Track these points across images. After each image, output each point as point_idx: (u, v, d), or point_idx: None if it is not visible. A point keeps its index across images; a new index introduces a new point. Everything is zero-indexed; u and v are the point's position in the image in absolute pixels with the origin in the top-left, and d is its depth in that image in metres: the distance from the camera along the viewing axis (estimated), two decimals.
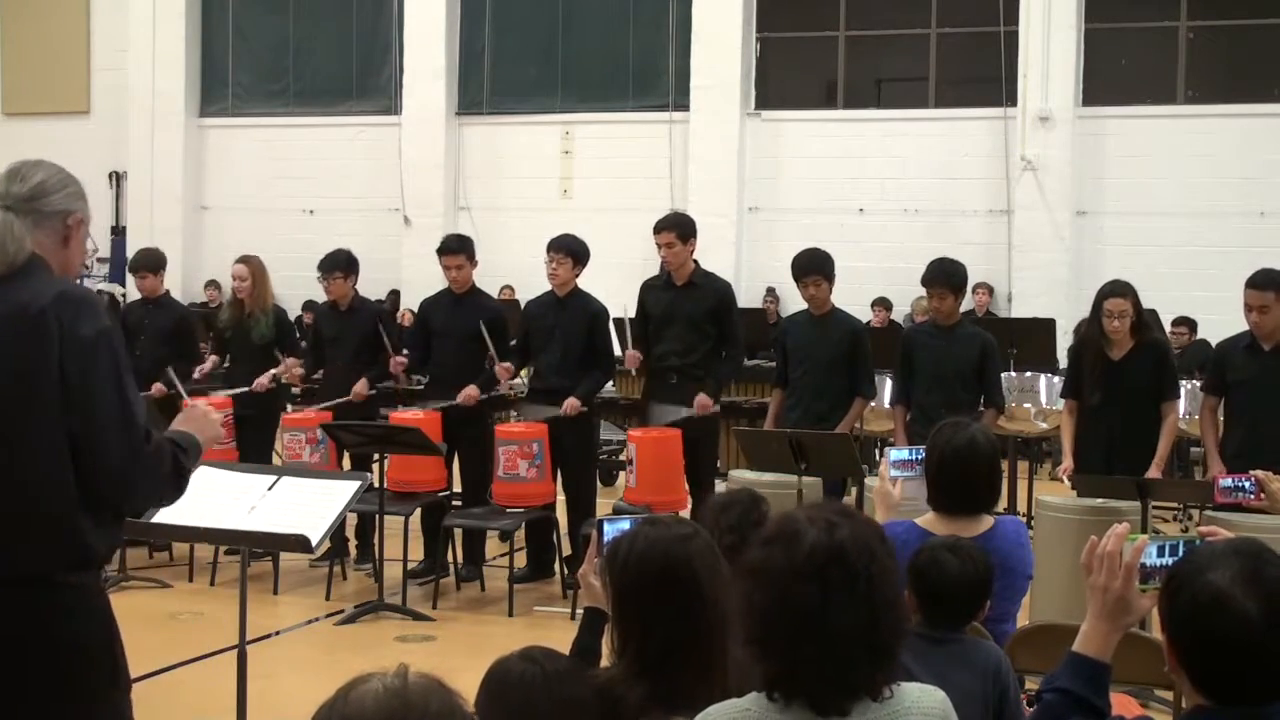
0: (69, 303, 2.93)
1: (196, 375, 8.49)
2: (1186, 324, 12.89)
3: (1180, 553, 2.32)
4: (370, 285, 9.20)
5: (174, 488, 3.06)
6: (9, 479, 2.88)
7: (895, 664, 2.32)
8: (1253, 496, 4.48)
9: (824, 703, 2.26)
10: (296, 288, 13.91)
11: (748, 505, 3.60)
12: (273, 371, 8.40)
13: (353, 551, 8.21)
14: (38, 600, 2.88)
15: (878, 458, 8.55)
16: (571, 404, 7.59)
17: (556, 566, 7.96)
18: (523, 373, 8.32)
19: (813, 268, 7.44)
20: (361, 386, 8.19)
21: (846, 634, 2.24)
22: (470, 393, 7.86)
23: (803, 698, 2.27)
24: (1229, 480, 4.55)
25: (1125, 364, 6.60)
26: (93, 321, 2.93)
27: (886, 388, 8.13)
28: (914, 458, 4.60)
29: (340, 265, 8.37)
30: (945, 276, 7.17)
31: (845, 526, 2.32)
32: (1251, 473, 4.56)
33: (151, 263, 8.73)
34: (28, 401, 2.89)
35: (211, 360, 8.79)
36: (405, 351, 8.68)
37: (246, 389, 8.25)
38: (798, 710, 2.27)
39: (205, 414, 3.29)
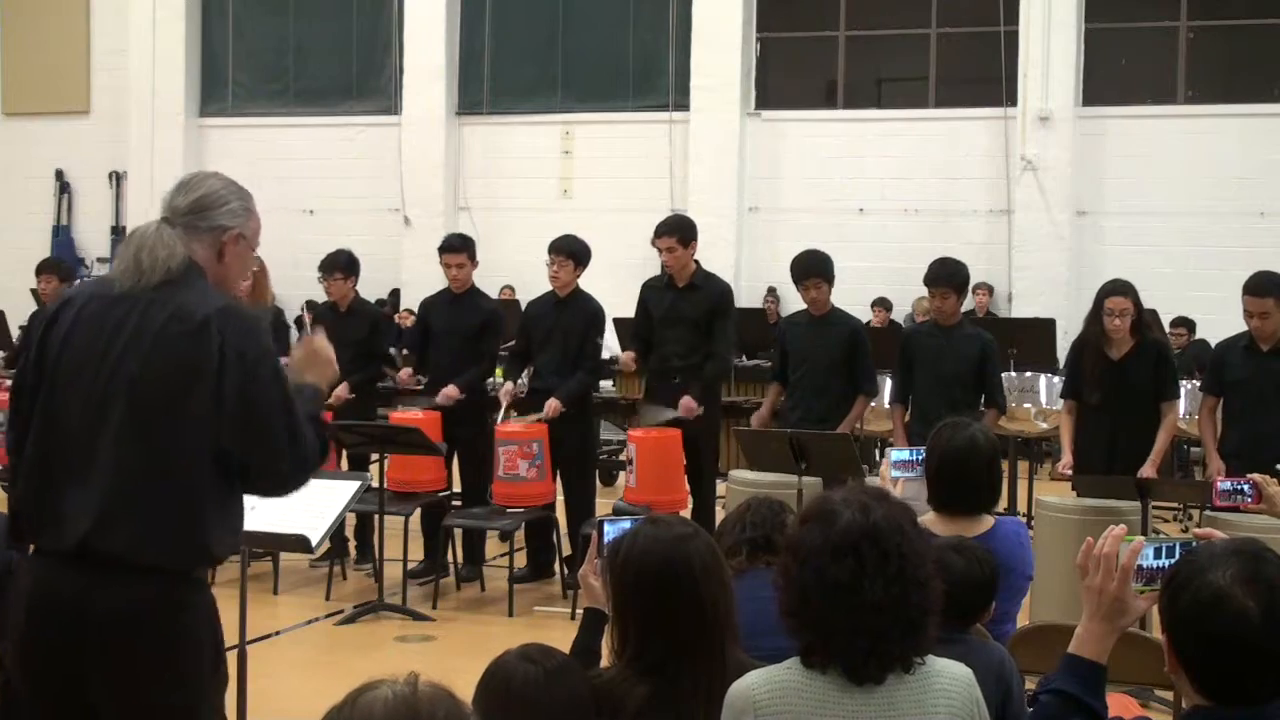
0: (233, 320, 3.01)
1: None
2: (1185, 325, 12.90)
3: (1177, 554, 2.32)
4: (370, 285, 9.20)
5: (320, 463, 3.19)
6: (151, 475, 2.96)
7: (925, 638, 2.45)
8: (1251, 500, 4.48)
9: (859, 671, 2.40)
10: (296, 288, 13.91)
11: (775, 509, 3.67)
12: None
13: (352, 551, 8.21)
14: (159, 590, 2.97)
15: (878, 458, 8.56)
16: (552, 406, 7.58)
17: (556, 567, 7.96)
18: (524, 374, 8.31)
19: (812, 270, 7.44)
20: (342, 390, 7.93)
21: (879, 608, 2.39)
22: (449, 392, 7.83)
23: (838, 665, 2.41)
24: (1227, 483, 4.55)
25: (1125, 364, 6.60)
26: (256, 341, 3.03)
27: (887, 387, 8.13)
28: (915, 458, 4.60)
29: (340, 266, 8.37)
30: (948, 276, 7.17)
31: (879, 508, 2.48)
32: (1249, 476, 4.56)
33: None
34: (177, 402, 2.97)
35: None
36: (405, 352, 8.66)
37: None
38: (834, 677, 2.41)
39: (323, 352, 3.35)
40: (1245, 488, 4.48)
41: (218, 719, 3.17)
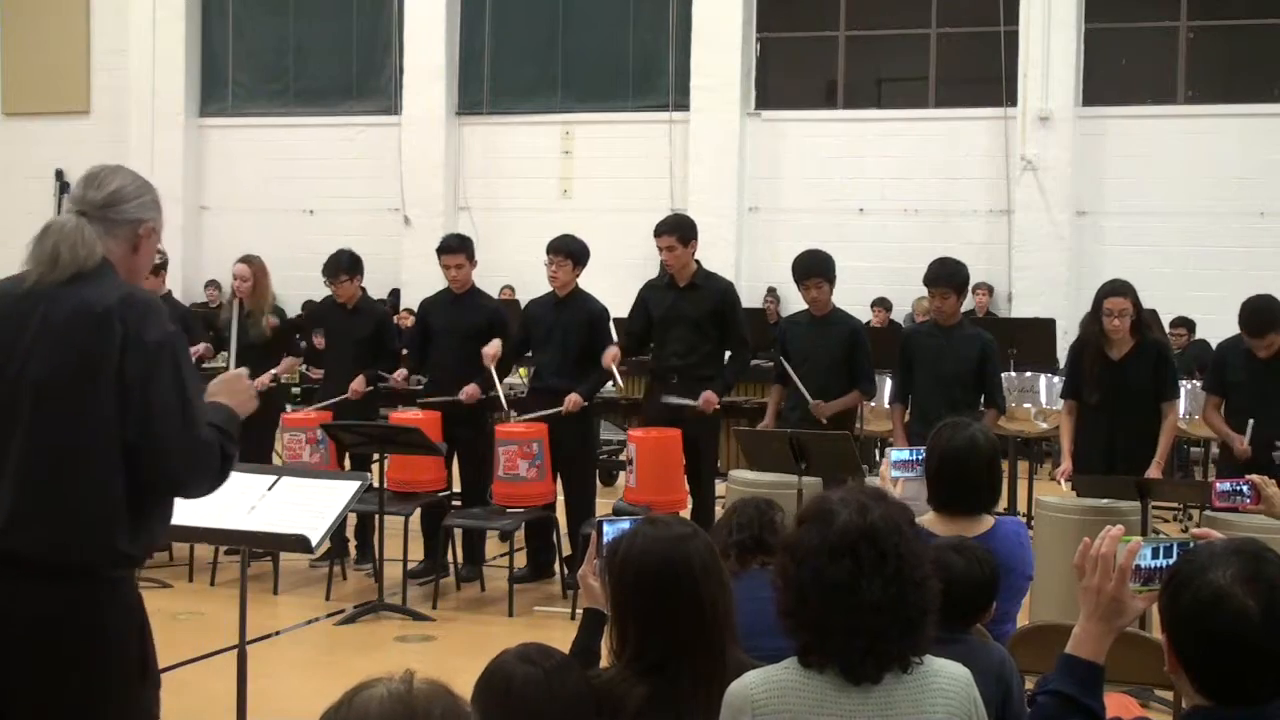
0: (134, 306, 2.98)
1: None
2: (1185, 325, 12.89)
3: (1175, 555, 2.32)
4: (370, 285, 9.19)
5: (221, 476, 3.11)
6: (61, 474, 2.92)
7: (923, 638, 2.45)
8: (1250, 501, 4.48)
9: (856, 670, 2.40)
10: (296, 288, 13.91)
11: (762, 508, 3.68)
12: (273, 371, 8.36)
13: (352, 551, 8.20)
14: (76, 591, 2.93)
15: (878, 458, 8.55)
16: (573, 399, 7.60)
17: (556, 567, 7.96)
18: (521, 372, 8.32)
19: (813, 270, 7.44)
20: (359, 383, 8.17)
21: (876, 608, 2.39)
22: (470, 390, 7.85)
23: (836, 665, 2.41)
24: (1227, 484, 4.55)
25: (1125, 364, 6.60)
26: (158, 326, 2.98)
27: (887, 387, 8.13)
28: (915, 458, 4.60)
29: (344, 268, 8.35)
30: (948, 276, 7.17)
31: (877, 508, 2.48)
32: (1248, 477, 4.56)
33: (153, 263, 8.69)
34: (83, 400, 2.93)
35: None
36: (405, 352, 8.66)
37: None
38: (831, 676, 2.42)
39: (239, 379, 3.30)
40: (1244, 488, 4.48)
41: None
